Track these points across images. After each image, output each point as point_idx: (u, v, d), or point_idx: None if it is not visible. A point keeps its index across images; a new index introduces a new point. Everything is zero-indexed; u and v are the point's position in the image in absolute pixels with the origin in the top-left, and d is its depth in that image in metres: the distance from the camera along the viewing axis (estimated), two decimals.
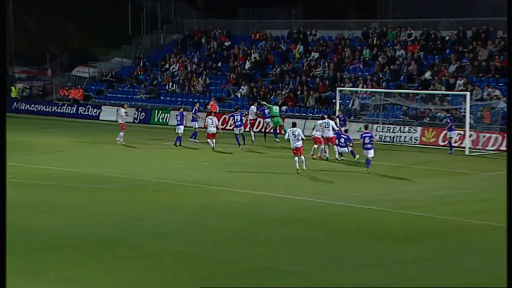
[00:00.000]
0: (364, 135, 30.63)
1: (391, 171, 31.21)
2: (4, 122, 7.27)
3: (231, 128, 42.57)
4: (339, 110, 39.70)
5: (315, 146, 33.80)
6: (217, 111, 46.27)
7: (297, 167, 29.54)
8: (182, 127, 38.65)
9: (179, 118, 39.48)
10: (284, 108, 48.01)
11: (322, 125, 33.81)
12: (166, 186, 26.86)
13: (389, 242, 18.94)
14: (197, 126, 40.37)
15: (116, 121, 42.80)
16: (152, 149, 38.13)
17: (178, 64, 56.85)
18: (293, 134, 29.89)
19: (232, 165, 32.25)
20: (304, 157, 30.14)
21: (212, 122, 37.46)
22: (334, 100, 44.78)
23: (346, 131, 34.42)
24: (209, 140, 37.01)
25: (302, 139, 29.88)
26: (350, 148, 33.02)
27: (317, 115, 46.24)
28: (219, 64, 55.52)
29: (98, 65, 61.81)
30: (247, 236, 19.27)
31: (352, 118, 43.12)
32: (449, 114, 38.45)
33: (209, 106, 47.77)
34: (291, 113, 47.26)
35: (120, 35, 66.96)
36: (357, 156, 32.71)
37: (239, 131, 38.90)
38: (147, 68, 58.72)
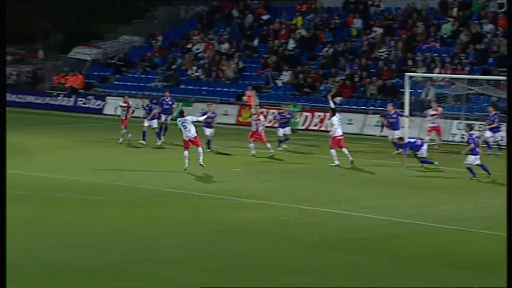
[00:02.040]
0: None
1: (475, 180, 30.77)
2: (4, 122, 8.62)
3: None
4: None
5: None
6: (256, 104, 45.90)
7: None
8: (211, 130, 37.55)
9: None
10: (338, 99, 47.52)
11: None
12: (180, 197, 26.84)
13: (472, 271, 18.67)
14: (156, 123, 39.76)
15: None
16: (169, 151, 37.80)
17: (203, 44, 56.80)
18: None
19: (271, 173, 32.19)
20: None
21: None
22: (402, 89, 44.20)
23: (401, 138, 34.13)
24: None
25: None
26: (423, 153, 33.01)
27: (380, 108, 45.71)
28: (255, 43, 55.23)
29: (103, 45, 62.12)
30: (282, 262, 19.07)
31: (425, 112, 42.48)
32: (496, 111, 38.06)
33: (244, 98, 47.48)
34: (346, 106, 46.75)
35: (131, 7, 67.32)
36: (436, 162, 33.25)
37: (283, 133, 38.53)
38: (164, 48, 58.70)
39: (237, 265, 18.82)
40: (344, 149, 33.60)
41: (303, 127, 46.20)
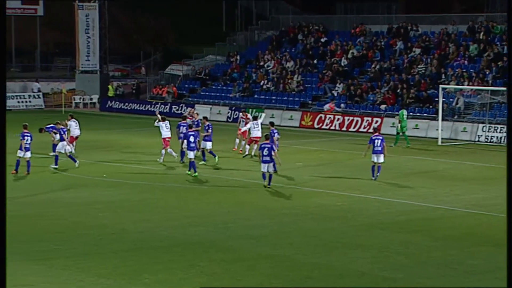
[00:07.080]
0: None
1: (497, 173, 30.43)
2: (4, 122, 7.22)
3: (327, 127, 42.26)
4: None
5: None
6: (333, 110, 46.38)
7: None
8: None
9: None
10: (383, 107, 47.67)
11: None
12: (259, 187, 26.80)
13: (494, 248, 18.47)
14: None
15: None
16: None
17: (272, 62, 57.06)
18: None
19: (326, 166, 32.05)
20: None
21: None
22: (436, 99, 44.12)
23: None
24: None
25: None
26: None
27: (418, 114, 45.76)
28: (315, 61, 55.41)
29: (192, 62, 62.59)
30: (343, 240, 19.13)
31: (456, 117, 42.43)
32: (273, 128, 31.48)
33: (327, 107, 48.11)
34: (390, 112, 46.82)
35: (214, 33, 67.86)
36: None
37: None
38: (241, 65, 59.10)
39: (310, 242, 18.83)
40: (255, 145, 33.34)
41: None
